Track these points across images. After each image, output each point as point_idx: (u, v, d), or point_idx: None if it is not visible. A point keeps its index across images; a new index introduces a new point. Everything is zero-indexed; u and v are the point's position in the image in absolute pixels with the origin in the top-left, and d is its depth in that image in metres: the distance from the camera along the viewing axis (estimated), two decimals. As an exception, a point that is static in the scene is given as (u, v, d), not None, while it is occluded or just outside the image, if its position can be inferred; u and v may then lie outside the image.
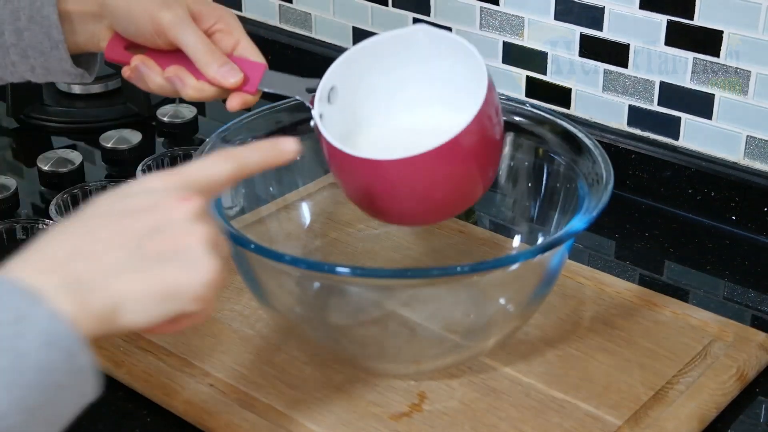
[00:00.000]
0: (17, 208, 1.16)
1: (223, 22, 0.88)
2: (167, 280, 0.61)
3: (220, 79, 0.86)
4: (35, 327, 0.56)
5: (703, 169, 1.12)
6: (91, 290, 0.59)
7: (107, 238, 0.61)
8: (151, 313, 0.61)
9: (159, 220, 0.62)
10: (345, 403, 0.85)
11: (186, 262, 0.61)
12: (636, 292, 0.98)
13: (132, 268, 0.60)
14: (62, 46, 0.87)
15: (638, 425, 0.83)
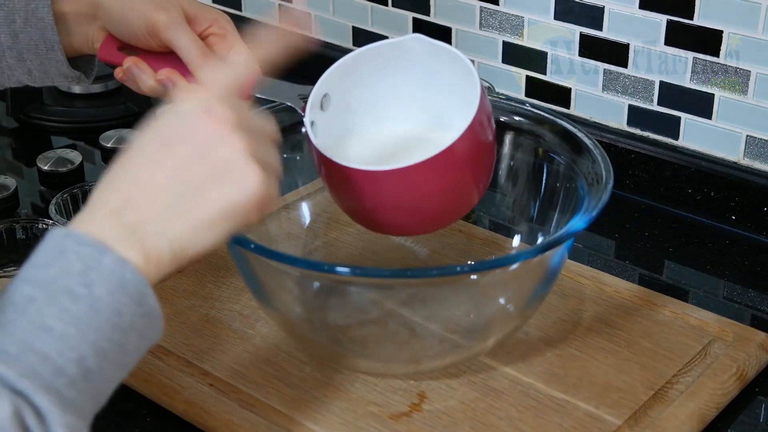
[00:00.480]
0: (17, 208, 1.16)
1: (218, 25, 0.88)
2: (216, 205, 0.64)
3: None
4: (104, 275, 0.59)
5: (703, 169, 1.12)
6: (150, 237, 0.62)
7: (150, 182, 0.63)
8: (213, 238, 0.64)
9: (193, 145, 0.64)
10: (345, 403, 0.85)
11: (228, 179, 0.64)
12: (636, 291, 0.98)
13: (181, 205, 0.63)
14: (58, 48, 0.87)
15: (638, 425, 0.83)
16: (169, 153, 0.64)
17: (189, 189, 0.63)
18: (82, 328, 0.58)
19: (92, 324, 0.58)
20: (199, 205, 0.63)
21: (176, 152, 0.64)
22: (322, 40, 1.39)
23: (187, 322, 0.94)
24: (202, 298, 0.97)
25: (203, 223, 0.64)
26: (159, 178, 0.63)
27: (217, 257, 1.02)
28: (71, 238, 0.60)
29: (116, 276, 0.60)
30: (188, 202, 0.63)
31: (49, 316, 0.58)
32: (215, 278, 1.00)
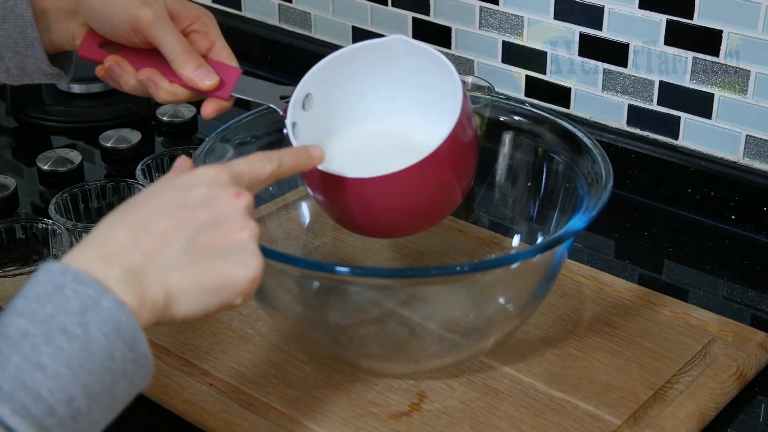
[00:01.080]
0: (17, 208, 1.16)
1: (200, 22, 0.87)
2: (218, 274, 0.65)
3: (195, 80, 0.84)
4: (101, 316, 0.59)
5: (703, 169, 1.12)
6: (148, 283, 0.62)
7: (163, 232, 0.64)
8: (200, 305, 0.65)
9: (213, 214, 0.66)
10: (344, 403, 0.85)
11: (236, 257, 0.65)
12: (635, 291, 0.98)
13: (186, 263, 0.64)
14: (38, 45, 0.86)
15: (637, 425, 0.83)
16: (188, 213, 0.65)
17: (198, 252, 0.64)
18: (74, 369, 0.58)
19: (85, 365, 0.58)
20: (203, 268, 0.64)
21: (196, 215, 0.65)
22: (322, 39, 1.39)
23: (186, 322, 0.94)
24: (201, 297, 0.97)
25: (200, 287, 0.64)
26: (173, 232, 0.64)
27: (217, 257, 1.02)
28: (69, 274, 0.60)
29: (113, 319, 0.59)
30: (193, 262, 0.64)
31: (43, 354, 0.58)
32: (215, 278, 1.00)
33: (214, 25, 0.88)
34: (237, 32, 1.44)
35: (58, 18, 0.87)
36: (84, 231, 1.03)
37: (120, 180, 1.11)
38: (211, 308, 0.66)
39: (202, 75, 0.85)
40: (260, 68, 1.42)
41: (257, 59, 1.45)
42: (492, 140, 1.00)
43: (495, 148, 0.99)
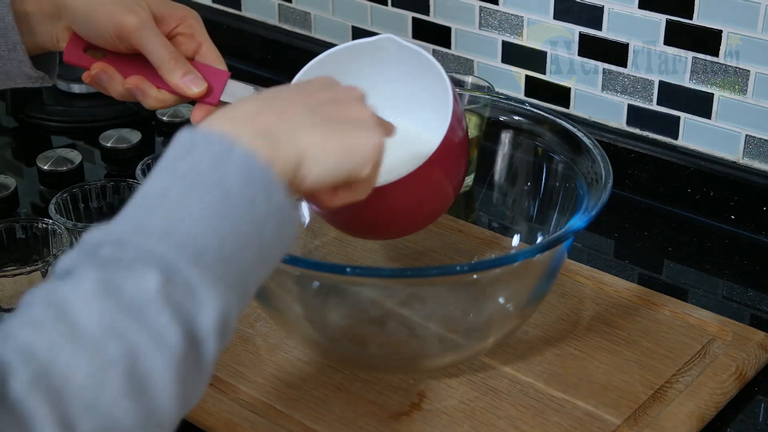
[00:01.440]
0: (17, 207, 1.16)
1: (186, 24, 0.86)
2: (346, 136, 0.67)
3: (184, 88, 0.84)
4: (234, 167, 0.61)
5: (703, 169, 1.12)
6: (279, 140, 0.64)
7: (290, 103, 0.67)
8: (329, 168, 0.66)
9: (333, 96, 0.70)
10: (344, 403, 0.85)
11: (361, 126, 0.68)
12: (635, 291, 0.98)
13: (315, 125, 0.66)
14: (20, 48, 0.85)
15: (637, 424, 0.83)
16: (309, 93, 0.69)
17: (322, 119, 0.67)
18: (219, 215, 0.59)
19: (227, 212, 0.60)
20: (330, 130, 0.67)
21: (317, 94, 0.69)
22: (322, 39, 1.39)
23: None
24: (201, 297, 0.97)
25: (329, 147, 0.66)
26: (296, 104, 0.67)
27: (217, 257, 1.02)
28: (200, 134, 0.62)
29: (246, 168, 0.61)
30: (326, 126, 0.67)
31: (186, 205, 0.59)
32: (215, 278, 1.00)
33: (200, 26, 0.87)
34: (237, 32, 1.44)
35: (41, 21, 0.86)
36: (84, 230, 1.03)
37: (120, 180, 1.11)
38: (340, 174, 0.67)
39: (190, 82, 0.84)
40: (260, 68, 1.42)
41: (257, 59, 1.45)
42: (492, 140, 1.00)
43: (495, 148, 1.00)
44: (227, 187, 0.60)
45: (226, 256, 0.59)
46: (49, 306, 0.55)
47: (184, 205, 0.59)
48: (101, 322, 0.55)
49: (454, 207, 0.90)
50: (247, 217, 0.60)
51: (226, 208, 0.60)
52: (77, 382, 0.53)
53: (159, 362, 0.55)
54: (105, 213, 1.10)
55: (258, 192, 0.61)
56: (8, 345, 0.53)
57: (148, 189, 0.61)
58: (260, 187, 0.61)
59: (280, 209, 0.62)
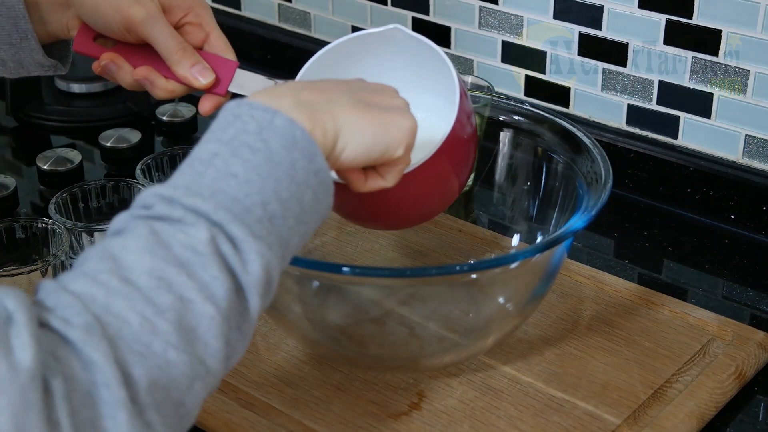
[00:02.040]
0: (16, 207, 1.16)
1: (194, 13, 0.86)
2: (382, 116, 0.71)
3: (191, 79, 0.84)
4: (278, 133, 0.64)
5: (702, 168, 1.12)
6: (319, 112, 0.67)
7: (331, 85, 0.72)
8: (364, 144, 0.70)
9: (372, 87, 0.74)
10: (344, 402, 0.85)
11: (396, 111, 0.72)
12: (635, 291, 0.98)
13: (353, 104, 0.70)
14: (32, 36, 0.85)
15: (637, 424, 0.83)
16: (347, 83, 0.73)
17: (360, 100, 0.71)
18: (263, 177, 0.62)
19: (272, 173, 0.63)
20: (367, 110, 0.70)
21: (354, 84, 0.73)
22: (322, 39, 1.39)
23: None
24: (201, 297, 0.97)
25: (369, 125, 0.70)
26: (336, 86, 0.71)
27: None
28: (244, 105, 0.65)
29: (289, 134, 0.64)
30: (363, 106, 0.70)
31: (233, 165, 0.62)
32: (215, 277, 1.00)
33: (209, 16, 0.87)
34: (236, 32, 1.44)
35: (51, 9, 0.87)
36: (84, 230, 1.03)
37: (120, 180, 1.11)
38: (374, 152, 0.70)
39: (198, 73, 0.84)
40: (260, 68, 1.42)
41: (257, 59, 1.45)
42: (492, 140, 1.00)
43: (494, 147, 1.00)
44: (271, 152, 0.63)
45: (269, 216, 0.62)
46: (103, 260, 0.58)
47: (231, 168, 0.62)
48: (152, 273, 0.58)
49: (454, 207, 0.90)
50: (289, 180, 0.63)
51: (271, 171, 0.63)
52: (130, 330, 0.56)
53: (206, 313, 0.58)
54: (105, 212, 1.10)
55: (299, 157, 0.64)
56: (65, 294, 0.56)
57: (197, 154, 0.64)
58: (301, 153, 0.64)
59: (318, 174, 0.65)
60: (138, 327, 0.56)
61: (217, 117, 0.66)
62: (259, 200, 0.62)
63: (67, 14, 0.87)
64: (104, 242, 0.60)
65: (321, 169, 0.65)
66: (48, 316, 0.56)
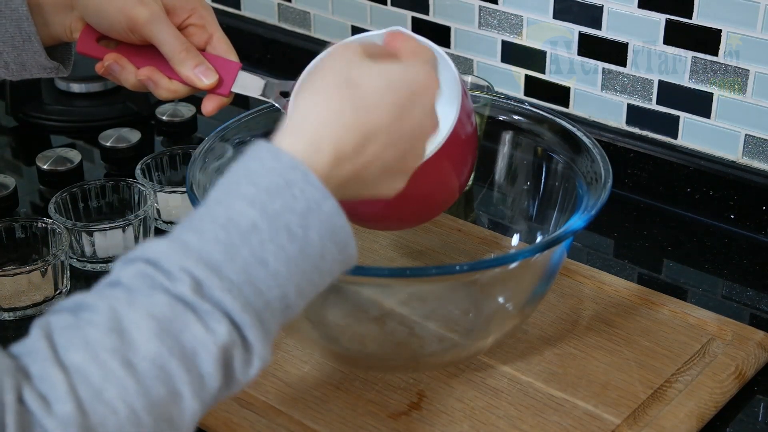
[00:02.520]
0: (16, 207, 1.16)
1: (197, 15, 0.86)
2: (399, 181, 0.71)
3: (195, 79, 0.84)
4: (321, 220, 0.63)
5: (702, 168, 1.12)
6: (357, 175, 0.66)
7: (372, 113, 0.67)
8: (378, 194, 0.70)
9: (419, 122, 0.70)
10: (344, 402, 0.85)
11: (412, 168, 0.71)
12: (634, 290, 0.98)
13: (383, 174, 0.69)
14: (35, 38, 0.86)
15: (636, 424, 0.83)
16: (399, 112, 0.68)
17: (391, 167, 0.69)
18: (291, 268, 0.62)
19: (300, 265, 0.62)
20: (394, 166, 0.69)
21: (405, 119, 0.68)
22: (322, 39, 1.39)
23: None
24: (201, 297, 0.97)
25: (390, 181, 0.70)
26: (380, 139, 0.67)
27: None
28: (299, 171, 0.62)
29: (331, 223, 0.63)
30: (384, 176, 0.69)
31: (267, 251, 0.61)
32: (214, 277, 1.00)
33: (212, 17, 0.87)
34: (236, 32, 1.44)
35: (54, 11, 0.87)
36: (83, 230, 1.03)
37: (119, 179, 1.11)
38: None
39: (201, 74, 0.84)
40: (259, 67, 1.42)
41: (256, 59, 1.45)
42: (491, 139, 1.00)
43: (494, 147, 1.00)
44: (307, 242, 0.62)
45: (284, 308, 0.62)
46: (111, 333, 0.56)
47: (264, 254, 0.61)
48: (155, 361, 0.57)
49: (454, 207, 0.90)
50: (315, 270, 0.63)
51: (301, 262, 0.62)
52: (116, 421, 0.55)
53: (191, 409, 0.58)
54: (105, 212, 1.10)
55: (332, 249, 0.63)
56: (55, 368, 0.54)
57: (236, 215, 0.61)
58: (336, 244, 0.63)
59: (345, 260, 0.65)
60: (125, 420, 0.55)
61: (265, 163, 0.63)
62: (279, 294, 0.62)
63: (70, 16, 0.87)
64: (117, 300, 0.58)
65: (349, 256, 0.65)
66: (28, 389, 0.54)
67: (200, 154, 0.89)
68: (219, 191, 0.63)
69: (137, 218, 1.04)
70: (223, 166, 0.92)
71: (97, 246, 1.04)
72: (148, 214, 1.06)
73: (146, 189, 1.08)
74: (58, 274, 0.99)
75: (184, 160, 1.17)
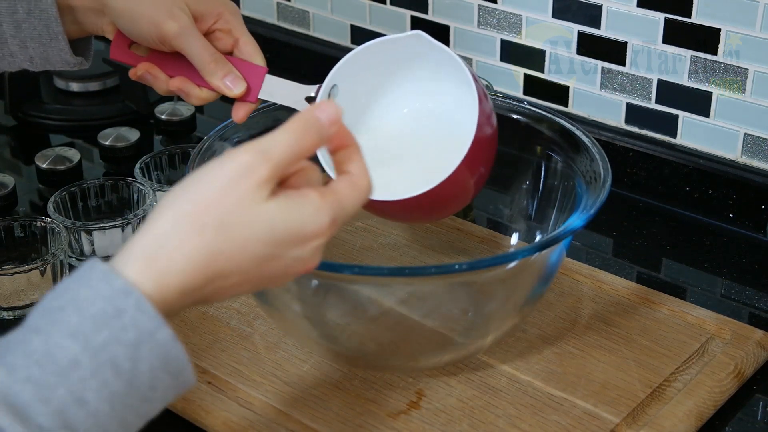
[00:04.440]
0: (15, 206, 1.16)
1: (223, 20, 0.88)
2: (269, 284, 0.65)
3: (224, 89, 0.86)
4: (153, 351, 0.58)
5: (701, 167, 1.13)
6: (208, 301, 0.62)
7: (238, 276, 0.62)
8: None
9: (291, 263, 0.64)
10: (343, 401, 0.85)
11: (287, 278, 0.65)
12: (634, 289, 0.98)
13: (246, 291, 0.64)
14: (62, 38, 0.87)
15: (636, 423, 0.83)
16: (264, 264, 0.63)
17: (258, 286, 0.64)
18: (115, 406, 0.57)
19: (126, 400, 0.57)
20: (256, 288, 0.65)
21: (276, 261, 0.63)
22: (321, 38, 1.39)
23: (185, 320, 0.94)
24: (200, 296, 0.97)
25: None
26: (243, 283, 0.62)
27: (216, 255, 1.03)
28: (132, 298, 0.58)
29: (164, 353, 0.58)
30: (252, 287, 0.64)
31: (88, 389, 0.56)
32: (213, 276, 1.00)
33: (237, 20, 0.88)
34: (235, 31, 1.44)
35: (86, 14, 0.89)
36: (82, 229, 1.03)
37: (118, 178, 1.11)
38: None
39: (230, 83, 0.86)
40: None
41: (256, 58, 1.45)
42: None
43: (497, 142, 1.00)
44: (135, 374, 0.57)
45: None
46: None
47: (84, 393, 0.56)
48: None
49: (453, 205, 0.91)
50: (144, 401, 0.58)
51: (127, 397, 0.57)
52: None
53: None
54: (104, 211, 1.10)
55: (164, 378, 0.59)
56: None
57: (60, 349, 0.56)
58: (170, 372, 0.59)
59: (179, 386, 0.60)
60: None
61: (96, 288, 0.57)
62: (103, 429, 0.57)
63: (102, 19, 0.89)
64: None
65: (184, 381, 0.60)
66: None
67: (199, 153, 0.89)
68: (40, 316, 0.57)
69: (136, 217, 1.05)
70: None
71: (96, 245, 1.04)
72: (147, 213, 1.06)
73: (145, 188, 1.08)
74: (57, 273, 0.99)
75: (183, 159, 1.17)
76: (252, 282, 0.63)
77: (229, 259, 0.61)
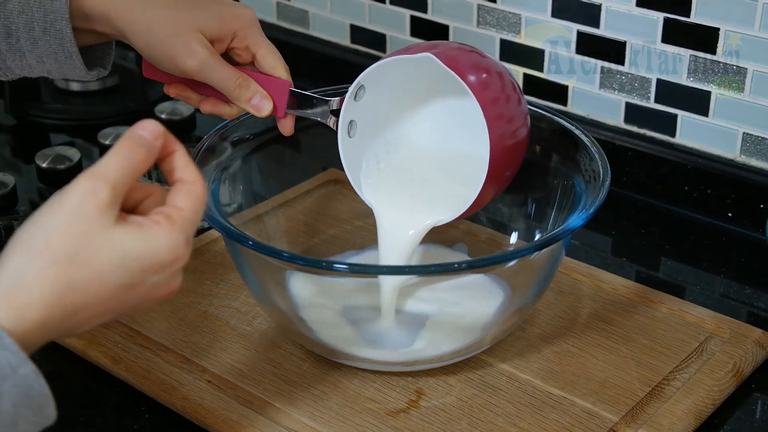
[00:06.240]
0: (15, 205, 1.17)
1: (238, 38, 0.87)
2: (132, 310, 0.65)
3: (252, 111, 0.87)
4: (16, 386, 0.57)
5: (700, 166, 1.13)
6: (72, 331, 0.62)
7: (98, 315, 0.63)
8: None
9: (152, 290, 0.65)
10: (342, 400, 0.85)
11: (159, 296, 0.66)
12: (632, 288, 0.98)
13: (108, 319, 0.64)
14: (76, 57, 0.87)
15: (634, 421, 0.83)
16: (126, 292, 0.63)
17: (120, 313, 0.64)
18: None
19: None
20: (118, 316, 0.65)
21: (137, 290, 0.63)
22: (320, 37, 1.40)
23: (185, 319, 0.94)
24: (200, 295, 0.98)
25: None
26: (107, 315, 0.63)
27: (215, 254, 1.03)
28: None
29: (27, 388, 0.58)
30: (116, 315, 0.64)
31: None
32: (213, 275, 1.00)
33: (253, 34, 0.88)
34: (235, 30, 1.44)
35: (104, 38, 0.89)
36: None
37: (118, 177, 1.10)
38: None
39: (257, 106, 0.87)
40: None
41: (255, 57, 1.45)
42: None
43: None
44: (0, 409, 0.57)
45: None
46: None
47: None
48: None
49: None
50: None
51: None
52: None
53: None
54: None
55: (28, 412, 0.58)
56: None
57: None
58: (32, 407, 0.58)
59: (41, 421, 0.59)
60: None
61: None
62: None
63: None
64: None
65: (46, 417, 0.59)
66: None
67: (199, 153, 0.89)
68: None
69: (136, 216, 1.04)
70: (222, 164, 0.93)
71: (97, 244, 1.04)
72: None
73: (145, 187, 1.08)
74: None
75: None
76: (114, 311, 0.63)
77: (86, 290, 0.61)
